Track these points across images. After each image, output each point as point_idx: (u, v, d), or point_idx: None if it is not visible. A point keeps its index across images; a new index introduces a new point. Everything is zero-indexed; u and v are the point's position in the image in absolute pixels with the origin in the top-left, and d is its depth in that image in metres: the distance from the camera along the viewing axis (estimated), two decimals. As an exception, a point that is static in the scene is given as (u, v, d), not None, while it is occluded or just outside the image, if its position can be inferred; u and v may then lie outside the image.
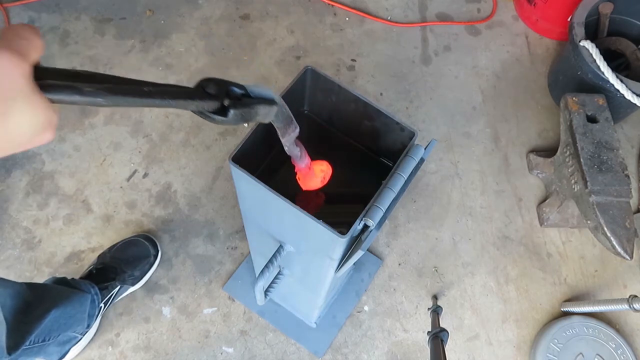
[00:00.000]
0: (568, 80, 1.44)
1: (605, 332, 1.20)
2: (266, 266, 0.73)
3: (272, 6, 1.69)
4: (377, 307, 1.26)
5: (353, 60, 1.61)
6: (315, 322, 1.20)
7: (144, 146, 1.42)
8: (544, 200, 1.40)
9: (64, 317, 1.00)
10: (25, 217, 1.30)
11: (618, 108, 1.33)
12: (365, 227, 0.59)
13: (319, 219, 0.58)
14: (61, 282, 1.07)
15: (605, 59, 1.26)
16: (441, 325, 1.02)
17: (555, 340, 1.19)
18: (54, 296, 1.00)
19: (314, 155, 0.64)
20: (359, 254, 0.58)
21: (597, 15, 1.44)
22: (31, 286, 0.96)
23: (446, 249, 1.34)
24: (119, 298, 1.20)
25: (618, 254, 1.11)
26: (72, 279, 1.12)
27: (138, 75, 1.52)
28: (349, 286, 1.26)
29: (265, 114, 0.49)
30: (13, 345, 0.88)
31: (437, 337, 0.94)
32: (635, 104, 1.26)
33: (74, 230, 1.30)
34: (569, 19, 1.39)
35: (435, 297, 1.27)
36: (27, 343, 0.92)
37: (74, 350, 1.12)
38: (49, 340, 0.98)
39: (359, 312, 1.25)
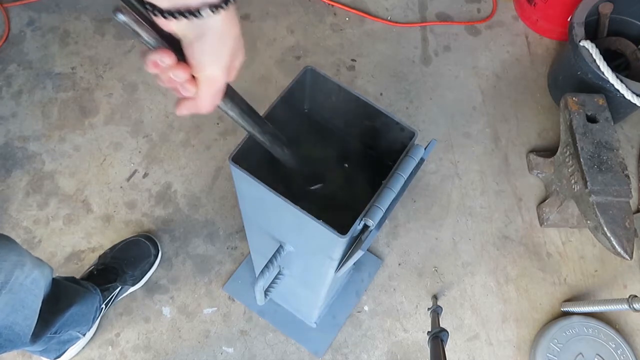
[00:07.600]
0: (568, 80, 1.43)
1: (605, 332, 1.20)
2: (266, 266, 0.73)
3: (272, 6, 1.69)
4: (377, 307, 1.26)
5: (353, 60, 1.61)
6: (315, 322, 1.20)
7: (144, 146, 1.42)
8: (544, 200, 1.40)
9: (78, 314, 1.02)
10: (25, 217, 1.30)
11: (618, 108, 1.33)
12: (365, 227, 0.59)
13: (319, 219, 0.58)
14: (70, 282, 1.07)
15: (605, 59, 1.26)
16: (441, 325, 1.02)
17: (555, 340, 1.19)
18: (72, 292, 1.01)
19: (314, 155, 0.64)
20: (359, 254, 0.58)
21: (597, 15, 1.44)
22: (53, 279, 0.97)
23: (446, 249, 1.34)
24: (119, 298, 1.20)
25: (618, 254, 1.11)
26: (78, 279, 1.12)
27: (138, 75, 1.52)
28: (349, 286, 1.26)
29: None
30: (39, 332, 0.89)
31: (437, 337, 0.94)
32: (635, 104, 1.26)
33: (74, 230, 1.30)
34: (569, 19, 1.39)
35: (435, 297, 1.27)
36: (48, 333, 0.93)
37: (72, 351, 1.12)
38: (59, 333, 0.99)
39: (359, 312, 1.25)
